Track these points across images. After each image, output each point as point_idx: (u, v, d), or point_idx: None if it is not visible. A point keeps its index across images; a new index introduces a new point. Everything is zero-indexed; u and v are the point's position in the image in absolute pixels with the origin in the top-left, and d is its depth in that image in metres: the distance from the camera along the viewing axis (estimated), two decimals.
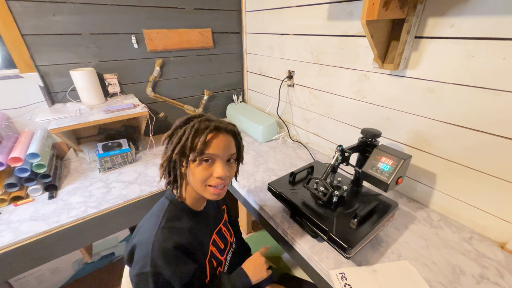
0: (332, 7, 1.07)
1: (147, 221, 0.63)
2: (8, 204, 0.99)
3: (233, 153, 0.64)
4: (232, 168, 0.66)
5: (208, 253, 0.68)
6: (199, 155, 0.58)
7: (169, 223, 0.60)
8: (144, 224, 0.63)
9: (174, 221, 0.61)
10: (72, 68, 1.22)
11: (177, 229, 0.60)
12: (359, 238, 0.71)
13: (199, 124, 0.59)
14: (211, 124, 0.59)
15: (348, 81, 1.11)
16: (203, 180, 0.60)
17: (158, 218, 0.60)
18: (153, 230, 0.57)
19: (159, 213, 0.62)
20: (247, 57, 1.76)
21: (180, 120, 0.62)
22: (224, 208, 0.85)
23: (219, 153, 0.60)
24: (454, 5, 0.73)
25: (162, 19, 1.38)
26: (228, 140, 0.62)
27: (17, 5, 1.04)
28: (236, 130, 0.66)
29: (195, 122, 0.59)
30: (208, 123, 0.60)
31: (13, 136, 1.12)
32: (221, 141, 0.60)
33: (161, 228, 0.58)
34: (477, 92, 0.75)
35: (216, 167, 0.60)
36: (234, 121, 1.76)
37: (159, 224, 0.59)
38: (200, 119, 0.61)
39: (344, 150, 0.82)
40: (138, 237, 0.59)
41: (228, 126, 0.63)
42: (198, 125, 0.58)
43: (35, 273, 1.34)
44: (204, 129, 0.58)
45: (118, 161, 1.24)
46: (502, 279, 0.69)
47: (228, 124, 0.64)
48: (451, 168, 0.86)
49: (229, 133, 0.63)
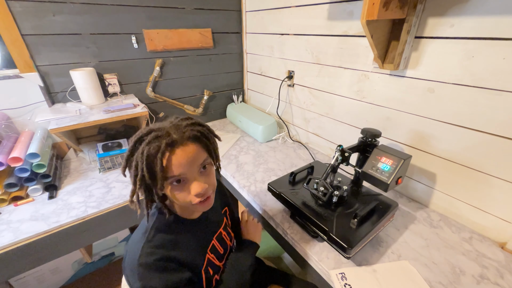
0: (332, 7, 1.07)
1: (137, 232, 0.61)
2: (8, 204, 0.99)
3: (203, 160, 0.55)
4: (210, 174, 0.58)
5: (204, 262, 0.64)
6: (165, 180, 0.51)
7: (156, 236, 0.56)
8: (135, 235, 0.60)
9: (163, 233, 0.58)
10: (72, 68, 1.22)
11: (166, 241, 0.57)
12: (359, 238, 0.71)
13: (149, 149, 0.49)
14: (162, 143, 0.49)
15: (348, 81, 1.11)
16: (184, 201, 0.55)
17: (146, 230, 0.57)
18: (139, 244, 0.55)
19: (147, 226, 0.58)
20: (247, 57, 1.76)
21: (129, 145, 0.53)
22: (226, 210, 0.82)
23: (185, 171, 0.52)
24: (454, 5, 0.73)
25: (162, 19, 1.38)
26: (190, 151, 0.52)
27: (17, 5, 1.04)
28: (197, 132, 0.54)
29: (143, 148, 0.50)
30: (157, 143, 0.50)
31: (13, 136, 1.12)
32: (181, 157, 0.51)
33: (148, 242, 0.55)
34: (477, 92, 0.75)
35: (190, 185, 0.54)
36: (234, 121, 1.77)
37: (147, 237, 0.56)
38: (148, 139, 0.50)
39: (344, 150, 0.82)
40: (128, 248, 0.58)
41: (185, 134, 0.52)
42: (147, 150, 0.49)
43: (35, 273, 1.34)
44: (155, 153, 0.49)
45: (118, 161, 1.24)
46: (502, 279, 0.69)
47: (186, 129, 0.53)
48: (451, 168, 0.86)
49: (188, 141, 0.53)
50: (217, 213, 0.76)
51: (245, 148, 1.43)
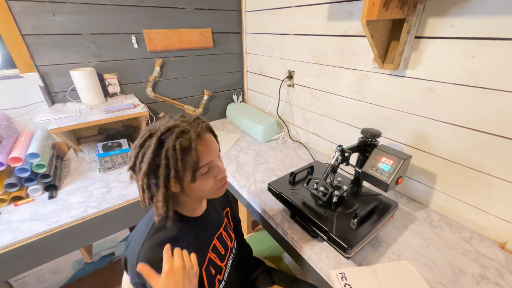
0: (332, 7, 1.07)
1: (137, 231, 0.61)
2: (8, 204, 0.99)
3: (218, 148, 0.61)
4: (221, 160, 0.63)
5: (205, 261, 0.64)
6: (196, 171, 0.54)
7: (156, 234, 0.57)
8: (135, 234, 0.61)
9: (164, 231, 0.58)
10: (72, 68, 1.22)
11: (165, 240, 0.57)
12: (359, 238, 0.71)
13: (180, 143, 0.50)
14: (191, 135, 0.52)
15: (348, 81, 1.11)
16: (212, 188, 0.59)
17: (147, 228, 0.58)
18: (140, 241, 0.56)
19: (148, 222, 0.59)
20: (247, 57, 1.76)
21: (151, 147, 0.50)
22: (227, 211, 0.82)
23: (212, 158, 0.57)
24: (454, 5, 0.73)
25: (162, 19, 1.38)
26: (211, 140, 0.58)
27: (17, 5, 1.04)
28: (209, 125, 0.60)
29: (173, 143, 0.50)
30: (187, 136, 0.52)
31: (13, 136, 1.12)
32: (208, 146, 0.56)
33: (148, 239, 0.56)
34: (477, 92, 0.75)
35: (215, 171, 0.58)
36: (234, 121, 1.77)
37: (147, 234, 0.56)
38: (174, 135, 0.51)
39: (344, 150, 0.82)
40: (129, 248, 0.58)
41: (202, 125, 0.56)
42: (179, 144, 0.50)
43: (35, 273, 1.34)
44: (188, 146, 0.51)
45: (118, 161, 1.24)
46: (502, 279, 0.69)
47: (198, 122, 0.56)
48: (451, 168, 0.86)
49: (207, 132, 0.58)
50: (218, 213, 0.76)
51: (245, 148, 1.43)
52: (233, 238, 0.81)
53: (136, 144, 0.53)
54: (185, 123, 0.54)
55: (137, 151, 0.52)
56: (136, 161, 0.52)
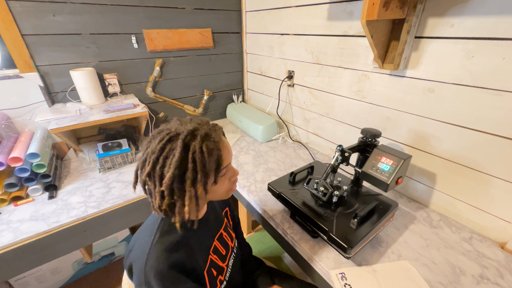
0: (332, 7, 1.07)
1: (141, 234, 0.60)
2: (8, 204, 0.99)
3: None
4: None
5: (207, 263, 0.63)
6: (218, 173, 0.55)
7: (162, 238, 0.56)
8: (139, 237, 0.60)
9: (169, 235, 0.57)
10: (72, 68, 1.22)
11: (172, 244, 0.55)
12: (359, 238, 0.71)
13: (207, 145, 0.51)
14: (214, 138, 0.53)
15: (348, 81, 1.11)
16: (225, 190, 0.61)
17: (151, 233, 0.56)
18: (146, 247, 0.54)
19: (152, 227, 0.58)
20: (247, 57, 1.76)
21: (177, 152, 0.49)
22: (227, 211, 0.82)
23: (230, 159, 0.59)
24: (454, 5, 0.73)
25: (162, 19, 1.38)
26: (228, 143, 0.60)
27: (17, 5, 1.04)
28: (222, 128, 0.62)
29: (199, 146, 0.50)
30: (211, 138, 0.53)
31: (13, 136, 1.12)
32: (227, 148, 0.58)
33: (154, 245, 0.54)
34: (477, 92, 0.75)
35: (230, 172, 0.60)
36: (234, 121, 1.77)
37: (152, 239, 0.55)
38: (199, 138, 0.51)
39: (344, 150, 0.82)
40: (133, 253, 0.57)
41: (218, 128, 0.59)
42: (206, 147, 0.51)
43: (35, 273, 1.34)
44: (213, 148, 0.53)
45: (118, 161, 1.24)
46: (502, 279, 0.69)
47: (214, 125, 0.58)
48: (451, 168, 0.86)
49: (223, 134, 0.60)
50: (218, 214, 0.76)
51: (245, 148, 1.43)
52: (234, 238, 0.81)
53: (154, 148, 0.51)
54: (204, 126, 0.55)
55: (157, 155, 0.50)
56: (156, 166, 0.50)
